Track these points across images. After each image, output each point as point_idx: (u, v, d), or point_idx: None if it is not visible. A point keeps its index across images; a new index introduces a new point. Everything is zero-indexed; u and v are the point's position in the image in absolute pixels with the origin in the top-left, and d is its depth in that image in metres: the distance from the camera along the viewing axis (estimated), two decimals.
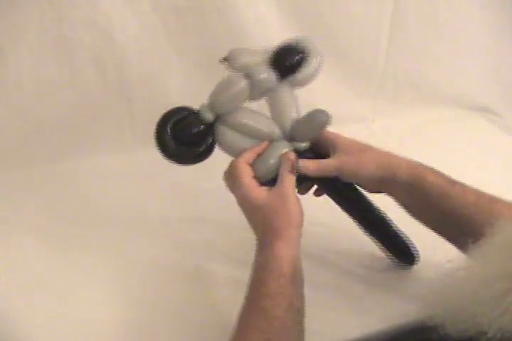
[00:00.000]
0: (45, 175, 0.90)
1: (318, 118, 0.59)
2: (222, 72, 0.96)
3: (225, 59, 0.62)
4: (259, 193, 0.56)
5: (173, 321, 0.64)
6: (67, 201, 0.84)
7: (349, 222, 0.66)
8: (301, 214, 0.56)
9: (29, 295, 0.67)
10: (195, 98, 0.96)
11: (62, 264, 0.72)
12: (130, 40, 0.87)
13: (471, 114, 1.19)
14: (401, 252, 0.67)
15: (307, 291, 0.57)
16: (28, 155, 0.92)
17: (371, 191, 0.62)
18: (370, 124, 1.13)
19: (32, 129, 0.90)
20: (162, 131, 0.58)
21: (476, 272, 0.40)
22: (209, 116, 0.59)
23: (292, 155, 0.59)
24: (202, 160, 0.60)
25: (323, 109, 0.59)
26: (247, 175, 0.57)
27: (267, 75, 0.60)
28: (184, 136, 0.58)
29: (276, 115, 0.61)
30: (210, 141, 0.59)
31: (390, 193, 0.60)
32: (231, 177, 0.59)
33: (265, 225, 0.55)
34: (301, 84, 0.62)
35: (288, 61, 0.61)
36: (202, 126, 0.58)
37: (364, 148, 0.61)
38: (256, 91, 0.60)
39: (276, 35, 0.96)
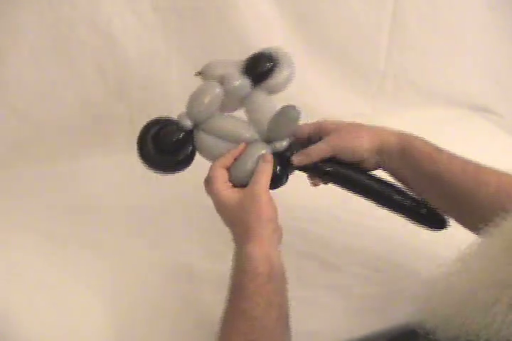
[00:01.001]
0: (44, 174, 0.90)
1: (288, 114, 0.59)
2: None
3: (200, 73, 0.64)
4: (231, 194, 0.57)
5: (172, 321, 0.64)
6: (66, 201, 0.84)
7: (348, 221, 0.66)
8: (273, 210, 0.56)
9: (29, 295, 0.67)
10: None
11: (62, 264, 0.72)
12: (130, 40, 0.87)
13: (471, 114, 1.19)
14: (429, 218, 0.63)
15: (307, 291, 0.58)
16: (28, 155, 0.92)
17: (368, 168, 0.62)
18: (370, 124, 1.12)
19: (32, 129, 0.90)
20: (143, 141, 0.60)
21: (466, 279, 0.40)
22: (187, 124, 0.60)
23: (269, 157, 0.59)
24: (183, 168, 0.61)
25: (293, 104, 0.59)
26: (220, 178, 0.58)
27: (239, 82, 0.62)
28: (165, 145, 0.59)
29: (253, 119, 0.62)
30: (191, 148, 0.61)
31: (384, 165, 0.61)
32: (207, 182, 0.59)
33: (237, 225, 0.56)
34: (275, 90, 0.64)
35: (260, 68, 0.63)
36: (181, 134, 0.60)
37: (353, 125, 0.61)
38: (232, 99, 0.62)
39: (277, 35, 0.96)
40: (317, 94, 1.08)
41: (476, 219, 0.44)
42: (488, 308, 0.35)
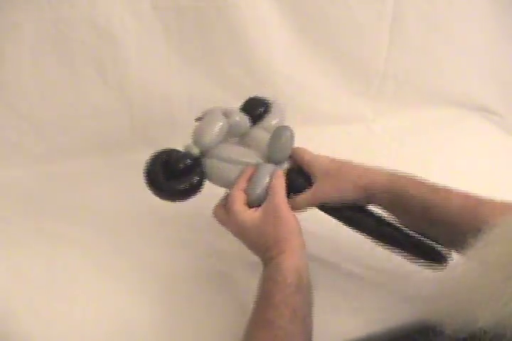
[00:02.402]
0: (44, 175, 0.90)
1: (282, 135, 0.62)
2: (222, 72, 0.96)
3: (200, 118, 0.67)
4: (251, 214, 0.57)
5: (175, 322, 0.64)
6: (67, 201, 0.84)
7: None
8: (297, 222, 0.57)
9: (29, 295, 0.66)
10: (195, 97, 0.97)
11: (62, 265, 0.72)
12: (130, 40, 0.87)
13: (471, 114, 1.19)
14: (429, 254, 0.63)
15: None
16: (28, 155, 0.92)
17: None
18: (370, 124, 1.13)
19: (32, 129, 0.90)
20: (152, 169, 0.62)
21: (475, 265, 0.40)
22: (195, 151, 0.63)
23: (280, 172, 0.61)
24: (191, 196, 0.63)
25: (285, 125, 0.63)
26: (238, 201, 0.58)
27: (242, 116, 0.67)
28: (173, 171, 0.61)
29: (255, 149, 0.66)
30: (198, 175, 0.62)
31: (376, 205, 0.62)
32: (221, 211, 0.60)
33: (265, 242, 0.56)
34: (270, 129, 0.66)
35: (255, 110, 0.70)
36: (189, 160, 0.62)
37: (339, 173, 0.61)
38: (233, 134, 0.67)
39: (277, 36, 0.96)
40: (317, 94, 1.08)
41: None
42: (501, 288, 0.35)
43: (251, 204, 0.60)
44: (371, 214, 0.64)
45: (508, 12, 1.08)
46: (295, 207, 0.61)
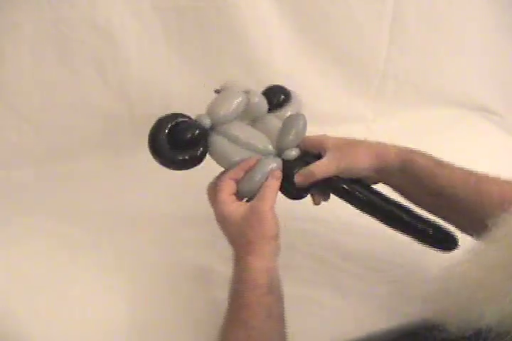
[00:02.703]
0: (44, 175, 0.90)
1: (295, 122, 0.61)
2: (222, 72, 0.96)
3: (218, 90, 0.66)
4: (235, 208, 0.56)
5: (176, 321, 0.64)
6: (67, 201, 0.84)
7: (349, 220, 0.66)
8: (277, 227, 0.56)
9: (29, 296, 0.67)
10: (195, 97, 0.97)
11: (62, 264, 0.72)
12: (130, 40, 0.87)
13: (471, 114, 1.19)
14: (438, 238, 0.60)
15: (307, 291, 0.58)
16: (28, 156, 0.92)
17: (369, 183, 0.62)
18: (370, 124, 1.13)
19: (32, 129, 0.90)
20: (157, 134, 0.58)
21: (479, 263, 0.40)
22: (206, 122, 0.61)
23: (278, 173, 0.59)
24: (191, 166, 0.60)
25: (298, 112, 0.62)
26: (226, 190, 0.58)
27: (262, 99, 0.65)
28: (178, 139, 0.58)
29: (264, 133, 0.64)
30: (202, 148, 0.60)
31: (385, 181, 0.61)
32: (213, 191, 0.59)
33: (239, 238, 0.56)
34: (283, 119, 0.65)
35: (275, 98, 0.68)
36: (197, 131, 0.59)
37: (353, 143, 0.61)
38: (247, 115, 0.65)
39: (277, 35, 0.96)
40: (317, 94, 1.08)
41: (480, 228, 0.43)
42: (504, 287, 0.35)
43: (239, 197, 0.59)
44: (380, 194, 0.62)
45: (507, 12, 1.08)
46: (311, 176, 0.59)
